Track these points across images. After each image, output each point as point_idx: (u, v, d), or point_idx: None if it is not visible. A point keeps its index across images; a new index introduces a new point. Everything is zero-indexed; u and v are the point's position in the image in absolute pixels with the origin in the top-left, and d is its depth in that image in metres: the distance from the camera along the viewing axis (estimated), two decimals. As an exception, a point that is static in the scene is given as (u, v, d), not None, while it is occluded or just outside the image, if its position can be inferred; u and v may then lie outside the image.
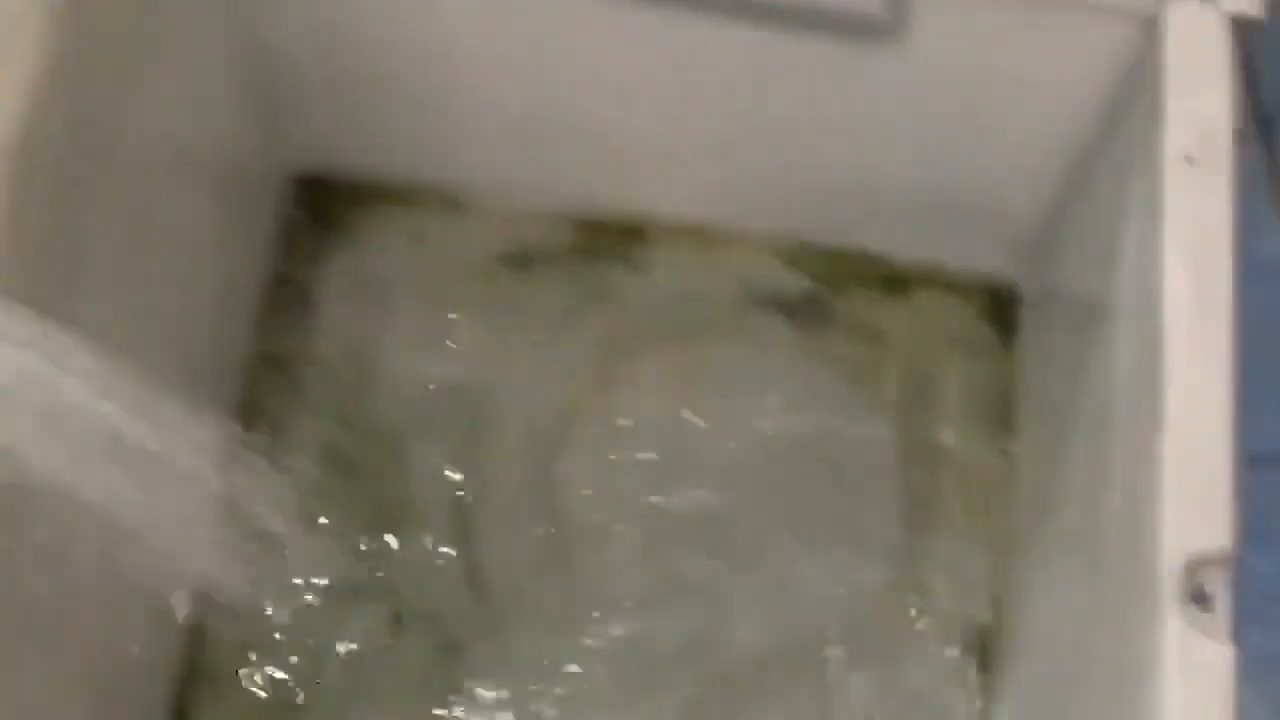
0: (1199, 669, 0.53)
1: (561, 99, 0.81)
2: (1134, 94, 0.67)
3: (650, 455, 0.86)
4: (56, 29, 0.58)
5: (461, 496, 0.85)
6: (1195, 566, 0.54)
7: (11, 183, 0.57)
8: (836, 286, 0.90)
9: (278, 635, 0.82)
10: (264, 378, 0.87)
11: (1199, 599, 0.54)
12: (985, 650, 0.83)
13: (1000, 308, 0.89)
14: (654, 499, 0.85)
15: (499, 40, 0.77)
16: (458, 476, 0.86)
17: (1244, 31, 0.60)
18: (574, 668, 0.82)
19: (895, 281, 0.89)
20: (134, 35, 0.66)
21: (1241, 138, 0.58)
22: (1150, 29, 0.63)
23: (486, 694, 0.81)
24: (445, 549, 0.84)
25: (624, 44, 0.75)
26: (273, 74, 0.81)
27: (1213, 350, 0.55)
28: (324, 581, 0.83)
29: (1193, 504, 0.55)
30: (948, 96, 0.75)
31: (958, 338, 0.89)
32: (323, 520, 0.85)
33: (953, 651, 0.83)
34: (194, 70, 0.74)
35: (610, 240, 0.90)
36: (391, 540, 0.84)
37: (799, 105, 0.77)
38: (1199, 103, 0.59)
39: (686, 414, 0.87)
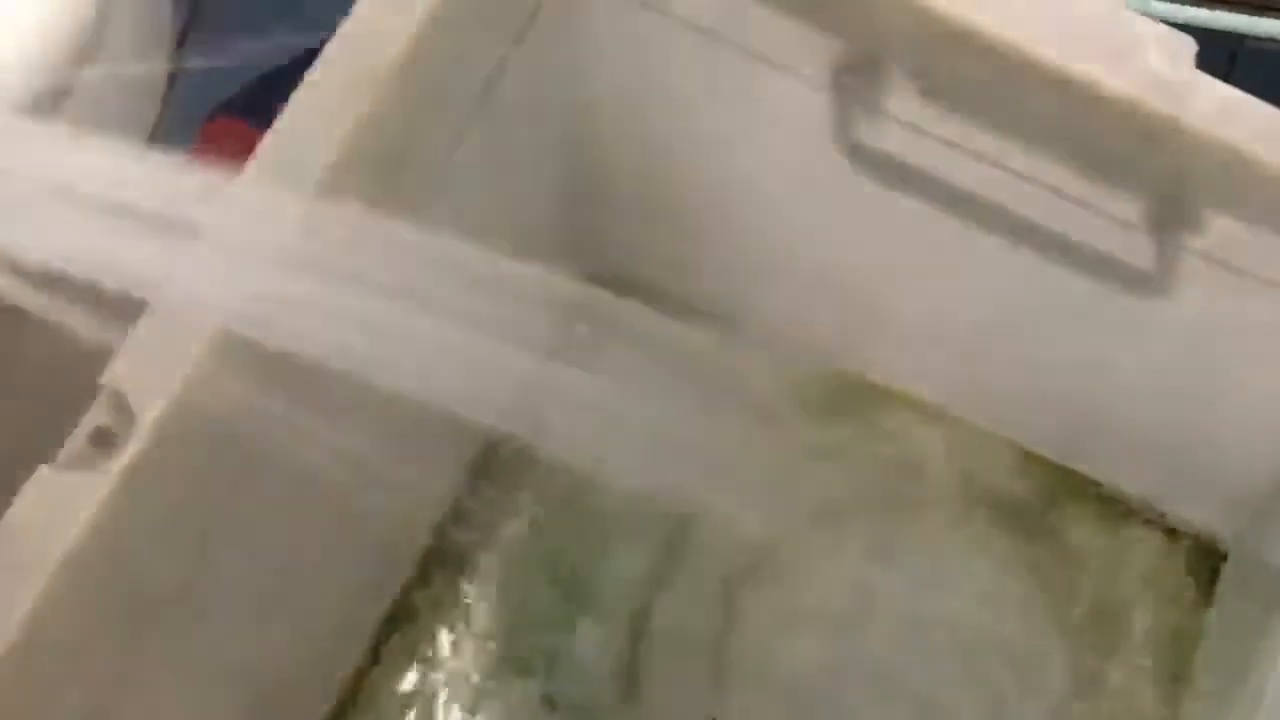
0: None
1: (841, 264, 0.86)
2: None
3: (830, 614, 0.90)
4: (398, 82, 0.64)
5: (643, 603, 0.91)
6: None
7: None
8: (1052, 501, 0.93)
9: (442, 681, 0.88)
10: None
11: None
12: None
13: (1206, 562, 0.91)
14: (820, 658, 0.89)
15: (793, 197, 0.83)
16: (648, 582, 0.91)
17: None
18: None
19: (1110, 511, 0.92)
20: (450, 132, 0.73)
21: None
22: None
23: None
24: (613, 649, 0.89)
25: (901, 229, 0.80)
26: (583, 176, 0.88)
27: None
28: (493, 646, 0.89)
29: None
30: (1196, 353, 0.78)
31: (1157, 580, 0.91)
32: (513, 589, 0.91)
33: None
34: (506, 166, 0.81)
35: (854, 401, 0.95)
36: (567, 627, 0.90)
37: (1052, 327, 0.81)
38: None
39: (876, 585, 0.91)
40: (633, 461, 0.89)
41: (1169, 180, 0.68)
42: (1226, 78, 0.64)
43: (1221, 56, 0.65)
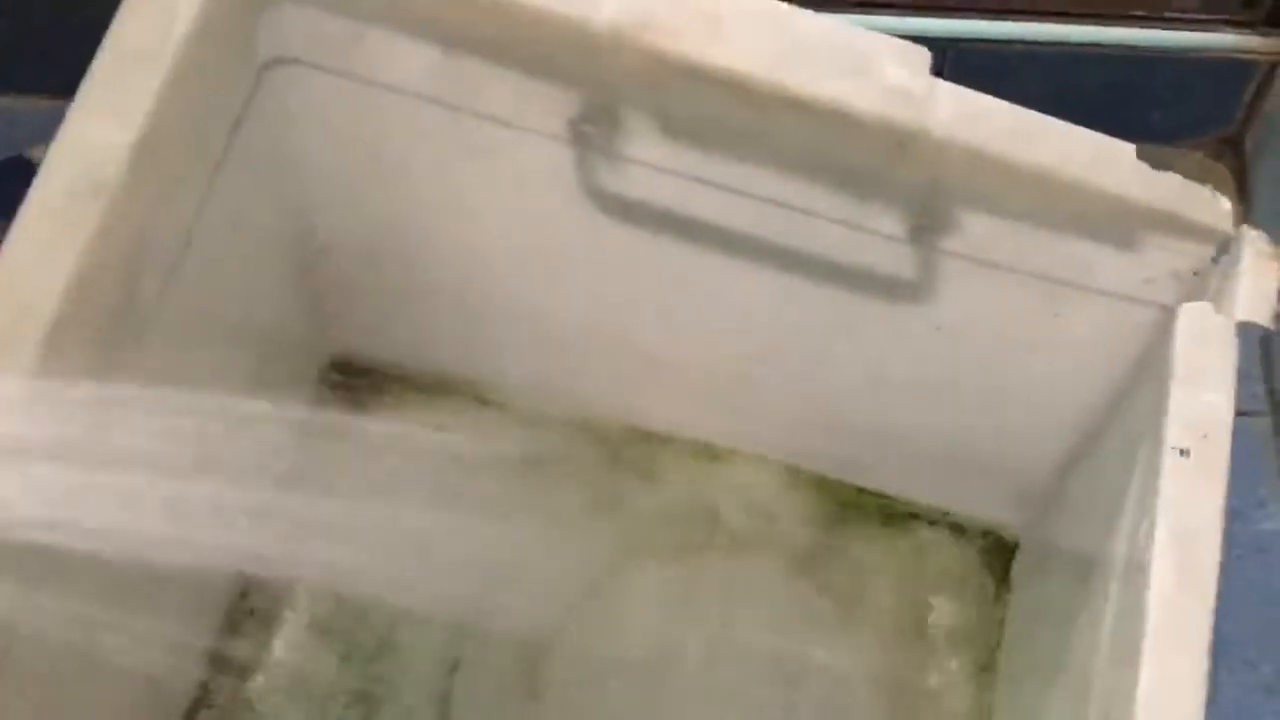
0: None
1: (592, 315, 0.84)
2: (1144, 377, 0.70)
3: (638, 664, 0.88)
4: (106, 229, 0.61)
5: (447, 685, 0.87)
6: None
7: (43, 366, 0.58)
8: (840, 518, 0.92)
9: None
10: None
11: None
12: None
13: (998, 556, 0.91)
14: (633, 711, 0.87)
15: (536, 253, 0.81)
16: (446, 663, 0.88)
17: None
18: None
19: (897, 520, 0.92)
20: (179, 230, 0.69)
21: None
22: (1166, 318, 0.67)
23: None
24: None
25: (659, 271, 0.79)
26: (318, 261, 0.84)
27: (1191, 645, 0.58)
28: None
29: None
30: (967, 355, 0.78)
31: (953, 580, 0.91)
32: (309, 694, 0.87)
33: None
34: (240, 255, 0.77)
35: (626, 450, 0.93)
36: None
37: (821, 346, 0.80)
38: (1201, 401, 0.62)
39: (679, 626, 0.89)
40: (400, 574, 0.87)
41: (923, 188, 0.67)
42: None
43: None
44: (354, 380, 0.94)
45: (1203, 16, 0.89)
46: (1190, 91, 0.93)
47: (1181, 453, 0.60)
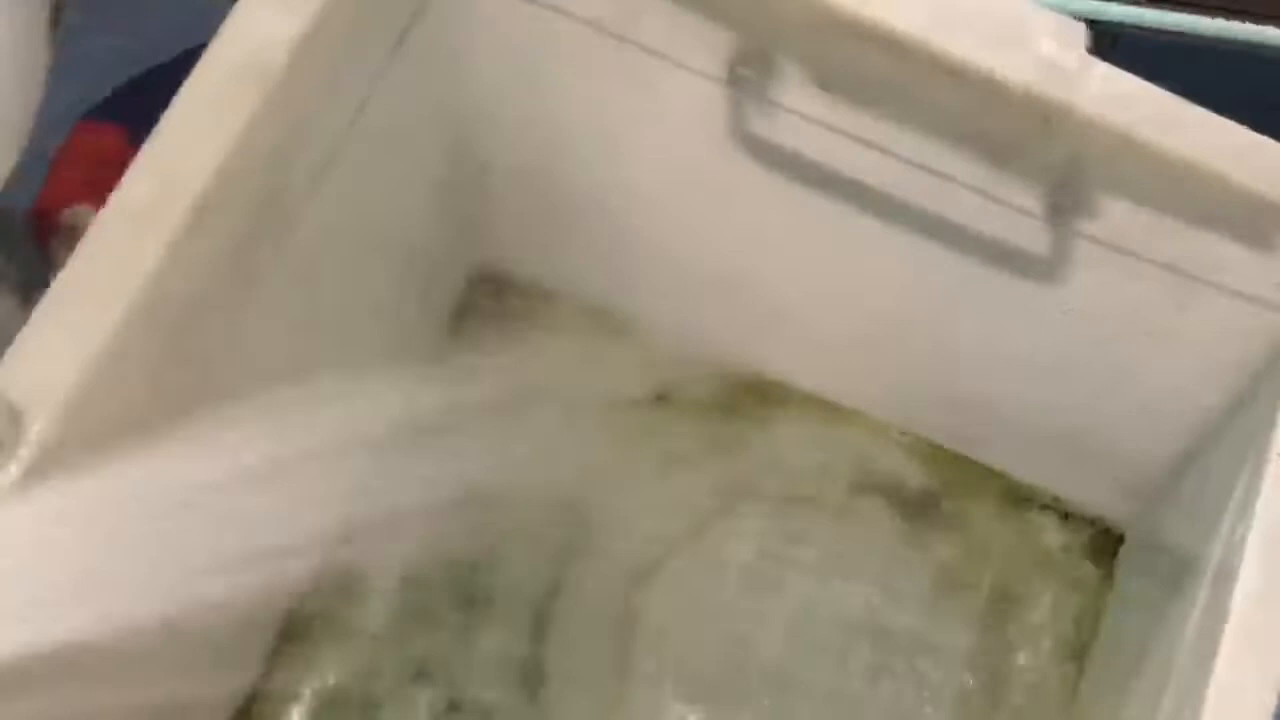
0: None
1: (728, 259, 0.86)
2: (1266, 383, 0.70)
3: (729, 605, 0.90)
4: (265, 111, 0.62)
5: (544, 604, 0.90)
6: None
7: (186, 241, 0.60)
8: (950, 491, 0.93)
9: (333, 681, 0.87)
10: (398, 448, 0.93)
11: None
12: None
13: (1103, 545, 0.91)
14: (723, 650, 0.89)
15: (680, 192, 0.82)
16: (548, 581, 0.90)
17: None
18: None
19: (1008, 498, 0.92)
20: (337, 128, 0.71)
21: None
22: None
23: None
24: (516, 649, 0.88)
25: (798, 222, 0.80)
26: (475, 179, 0.87)
27: (1269, 649, 0.58)
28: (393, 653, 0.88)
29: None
30: (1090, 339, 0.78)
31: (1056, 565, 0.91)
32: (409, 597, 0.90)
33: None
34: (396, 161, 0.80)
35: (749, 399, 0.94)
36: (467, 632, 0.89)
37: (948, 315, 0.81)
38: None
39: (776, 574, 0.91)
40: (513, 490, 0.89)
41: (1064, 166, 0.68)
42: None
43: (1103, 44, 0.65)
44: (493, 300, 0.97)
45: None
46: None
47: (1289, 462, 0.61)
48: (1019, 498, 0.92)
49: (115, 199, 0.58)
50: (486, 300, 0.96)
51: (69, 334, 0.56)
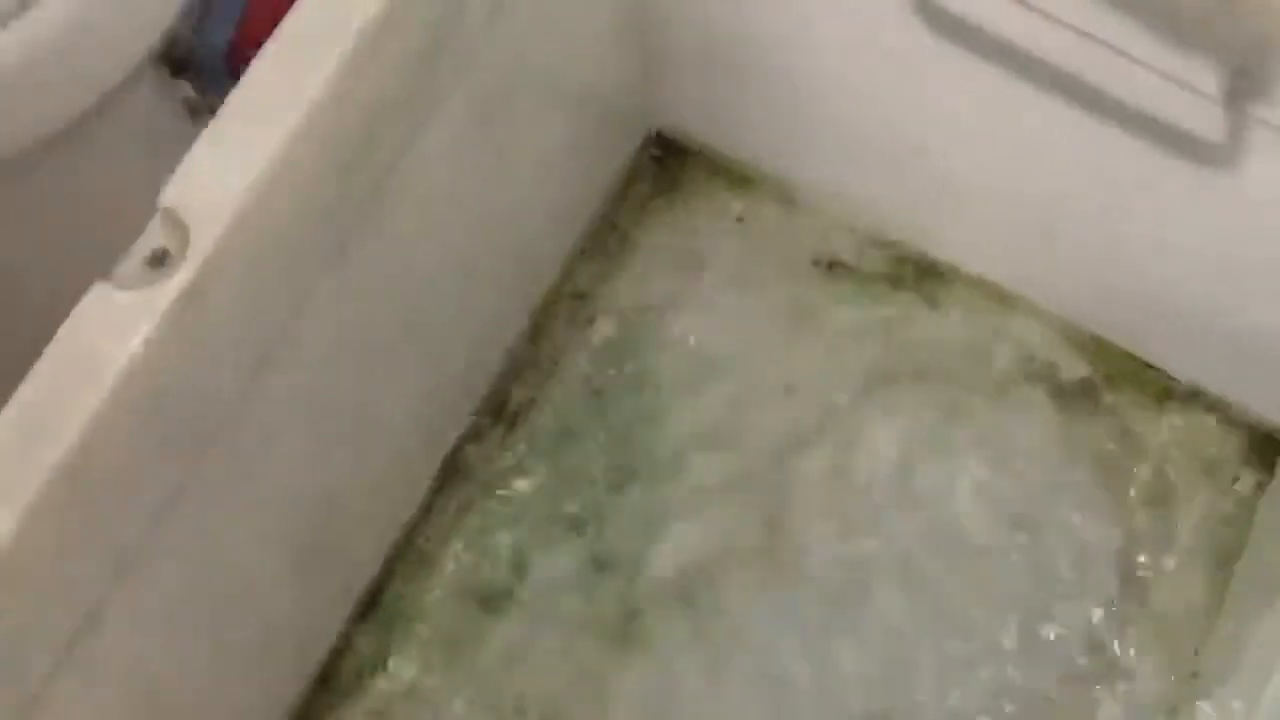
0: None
1: (910, 134, 0.85)
2: None
3: (881, 481, 0.90)
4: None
5: (699, 467, 0.91)
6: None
7: (354, 66, 0.61)
8: (1112, 383, 0.92)
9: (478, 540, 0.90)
10: (560, 307, 0.95)
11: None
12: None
13: (1265, 452, 0.90)
14: (874, 521, 0.89)
15: (859, 59, 0.82)
16: (703, 446, 0.91)
17: None
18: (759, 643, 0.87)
19: (1169, 395, 0.91)
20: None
21: None
22: None
23: (667, 644, 0.87)
24: (663, 512, 0.90)
25: (974, 95, 0.79)
26: (651, 34, 0.87)
27: None
28: (546, 504, 0.90)
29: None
30: (1266, 236, 0.76)
31: (1212, 467, 0.90)
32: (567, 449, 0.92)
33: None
34: (582, 7, 0.81)
35: (916, 274, 0.94)
36: (618, 487, 0.91)
37: (1120, 199, 0.80)
38: None
39: (927, 453, 0.91)
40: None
41: (1246, 49, 0.66)
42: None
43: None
44: (669, 157, 0.97)
45: None
46: None
47: None
48: (1180, 395, 0.91)
49: (286, 25, 0.60)
50: (660, 161, 0.97)
51: (233, 153, 0.58)
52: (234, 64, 0.91)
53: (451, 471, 0.91)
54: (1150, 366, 0.91)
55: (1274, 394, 0.88)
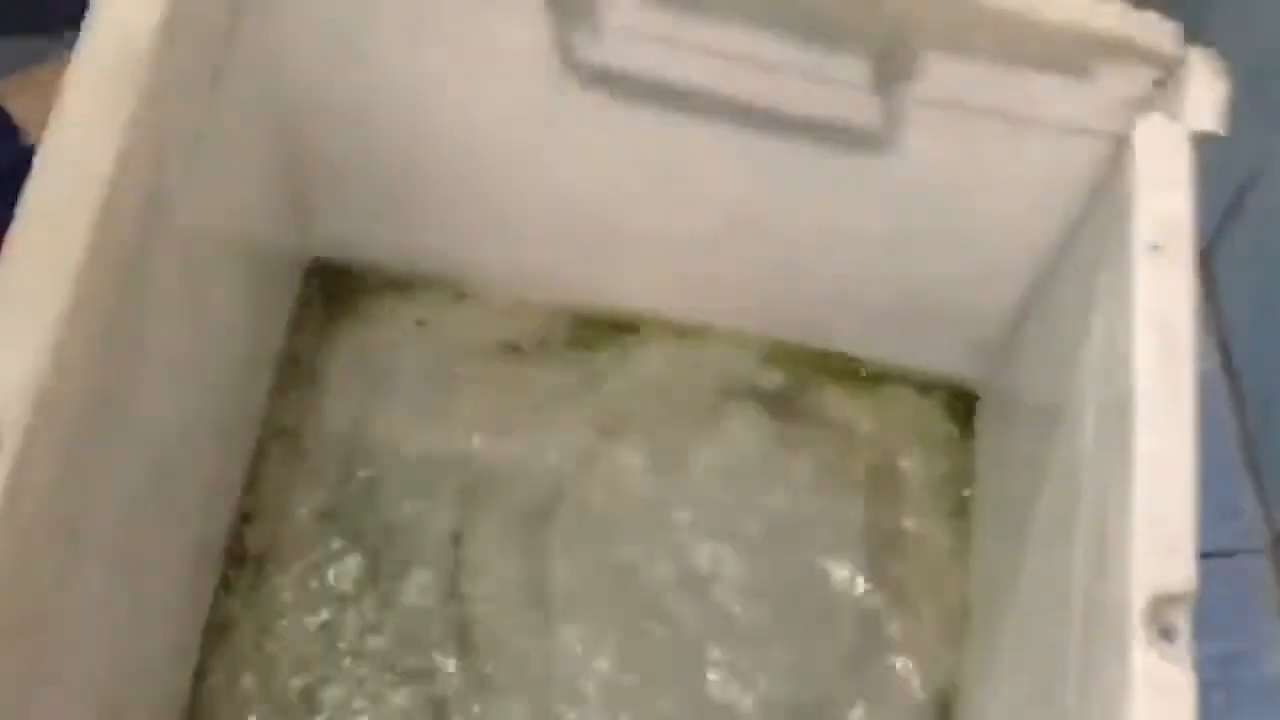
0: (1165, 694, 0.60)
1: (565, 194, 0.88)
2: (1101, 199, 0.75)
3: (628, 530, 0.93)
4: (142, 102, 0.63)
5: (454, 561, 0.91)
6: (1161, 604, 0.61)
7: (98, 234, 0.60)
8: (808, 381, 0.97)
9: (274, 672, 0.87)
10: (270, 447, 0.93)
11: (1165, 634, 0.61)
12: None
13: (961, 406, 0.97)
14: (631, 572, 0.92)
15: (510, 133, 0.84)
16: (451, 539, 0.92)
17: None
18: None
19: (863, 378, 0.97)
20: (196, 120, 0.71)
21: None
22: (1120, 144, 0.72)
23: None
24: (436, 609, 0.90)
25: (631, 141, 0.83)
26: (296, 166, 0.87)
27: (1180, 411, 0.63)
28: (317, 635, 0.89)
29: (1160, 550, 0.62)
30: (924, 204, 0.82)
31: (919, 431, 0.96)
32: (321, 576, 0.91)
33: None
34: (238, 154, 0.80)
35: (602, 331, 0.97)
36: (386, 599, 0.90)
37: (784, 209, 0.85)
38: (1164, 201, 0.67)
39: (665, 493, 0.94)
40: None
41: (888, 35, 0.72)
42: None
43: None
44: (334, 281, 0.97)
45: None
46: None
47: (1154, 248, 0.66)
48: (871, 376, 0.97)
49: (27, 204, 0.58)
50: (327, 287, 0.97)
51: (17, 337, 0.55)
52: None
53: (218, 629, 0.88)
54: (838, 355, 0.97)
55: (955, 353, 0.95)
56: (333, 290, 0.97)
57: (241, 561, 0.90)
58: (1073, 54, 0.71)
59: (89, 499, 0.63)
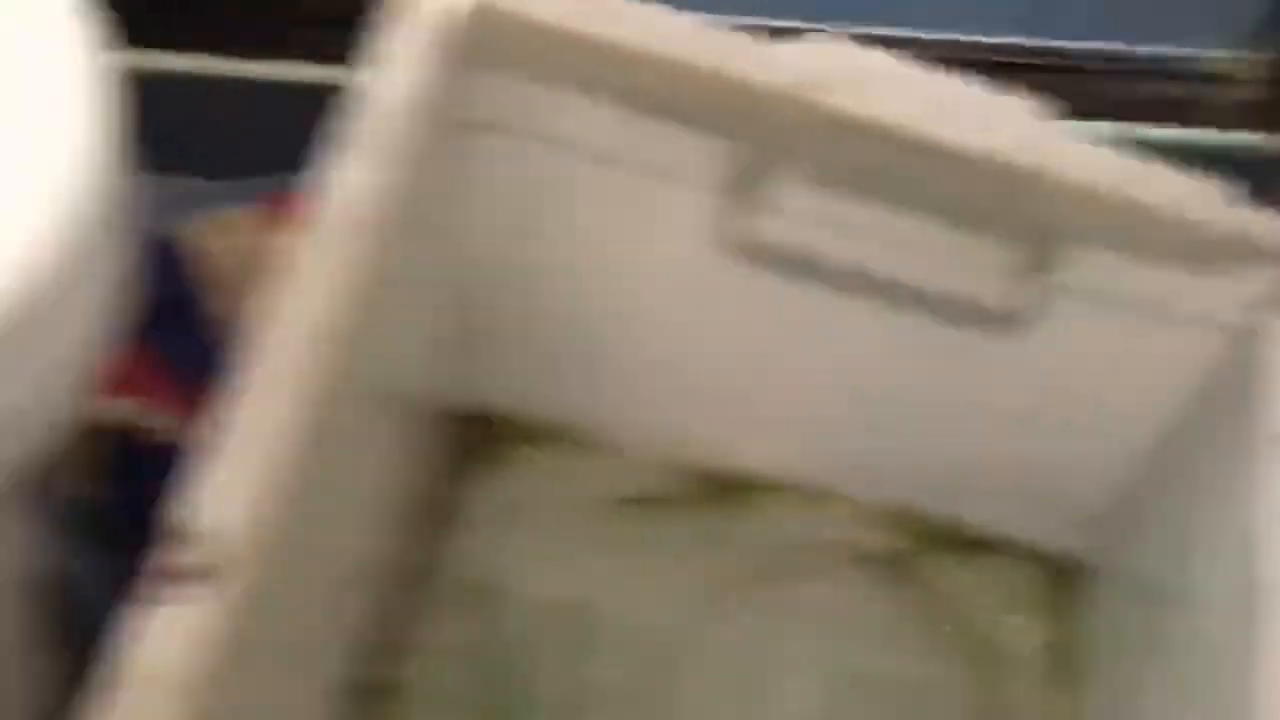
0: None
1: (699, 360, 0.93)
2: (1227, 387, 0.80)
3: (745, 683, 0.96)
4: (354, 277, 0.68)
5: (573, 708, 0.95)
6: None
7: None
8: (920, 549, 1.01)
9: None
10: (403, 587, 0.97)
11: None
12: None
13: (1069, 579, 1.00)
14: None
15: (667, 306, 0.90)
16: (571, 689, 0.95)
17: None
18: None
19: (973, 545, 1.01)
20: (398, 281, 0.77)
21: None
22: (1249, 337, 0.77)
23: None
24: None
25: (767, 313, 0.88)
26: (469, 323, 0.93)
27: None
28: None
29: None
30: (1053, 386, 0.87)
31: (1028, 604, 1.00)
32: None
33: None
34: (416, 315, 0.86)
35: (725, 491, 1.01)
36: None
37: (926, 387, 0.89)
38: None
39: (776, 647, 0.97)
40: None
41: (1036, 227, 0.77)
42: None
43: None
44: (472, 429, 1.02)
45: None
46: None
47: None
48: (982, 545, 1.01)
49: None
50: (463, 434, 1.02)
51: (241, 470, 0.60)
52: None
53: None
54: (952, 525, 1.01)
55: (1067, 526, 0.99)
56: (469, 438, 1.02)
57: (366, 700, 0.93)
58: (1206, 251, 0.77)
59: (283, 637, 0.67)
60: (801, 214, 0.80)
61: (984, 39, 1.08)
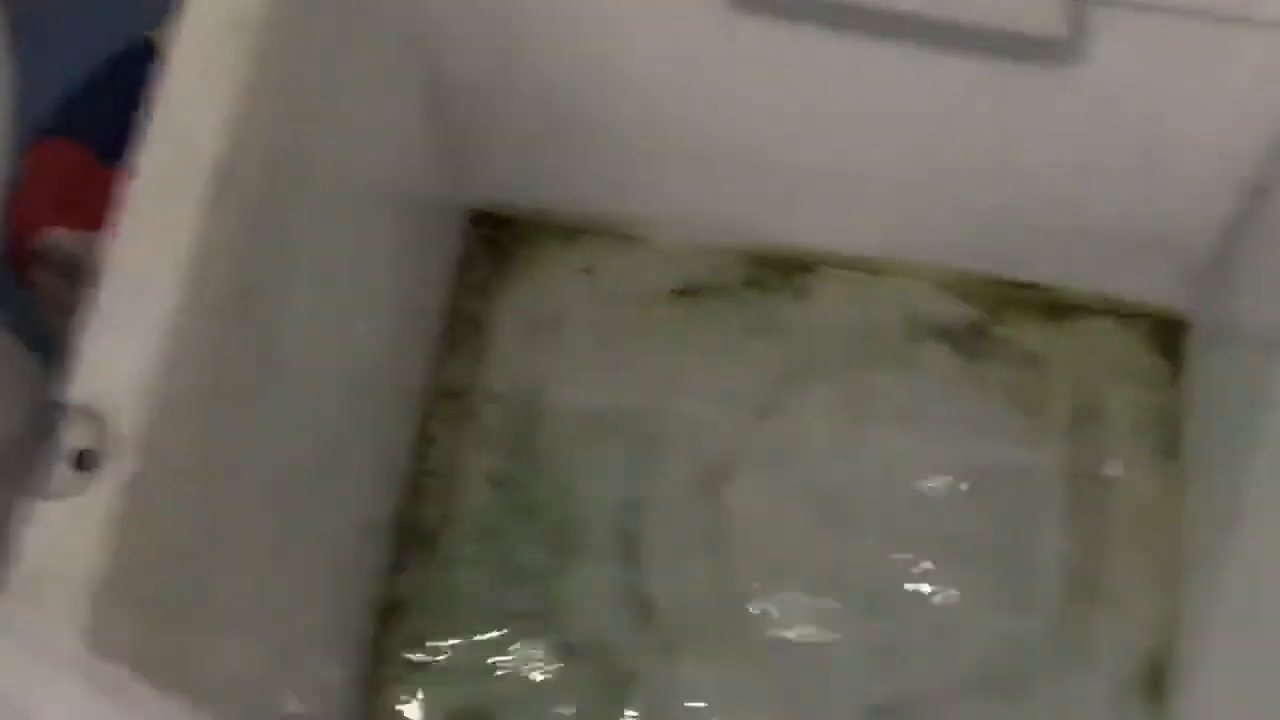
0: None
1: (734, 129, 0.83)
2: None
3: (816, 484, 0.87)
4: (256, 66, 0.60)
5: (630, 524, 0.87)
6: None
7: (214, 208, 0.58)
8: (999, 315, 0.91)
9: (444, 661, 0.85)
10: (438, 409, 0.90)
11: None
12: (1158, 683, 0.83)
13: (1167, 336, 0.89)
14: (819, 528, 0.86)
15: (673, 69, 0.80)
16: (626, 504, 0.88)
17: None
18: (745, 694, 0.84)
19: (1058, 309, 0.90)
20: (326, 68, 0.68)
21: None
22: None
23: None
24: (614, 577, 0.86)
25: (802, 69, 0.77)
26: (453, 106, 0.84)
27: None
28: (495, 610, 0.85)
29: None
30: (1120, 120, 0.76)
31: (1124, 366, 0.89)
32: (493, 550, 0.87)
33: (1124, 686, 0.83)
34: (380, 101, 0.77)
35: (778, 273, 0.92)
36: (561, 569, 0.86)
37: (969, 133, 0.78)
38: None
39: (852, 442, 0.88)
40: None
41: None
42: None
43: None
44: (497, 232, 0.94)
45: None
46: None
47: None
48: (1067, 307, 0.90)
49: (137, 184, 0.55)
50: (490, 238, 0.93)
51: (126, 336, 0.53)
52: (15, 261, 0.85)
53: (391, 609, 0.85)
54: (1034, 287, 0.90)
55: (1160, 279, 0.88)
56: (496, 242, 0.94)
57: (414, 539, 0.87)
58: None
59: (235, 487, 0.60)
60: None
61: None
